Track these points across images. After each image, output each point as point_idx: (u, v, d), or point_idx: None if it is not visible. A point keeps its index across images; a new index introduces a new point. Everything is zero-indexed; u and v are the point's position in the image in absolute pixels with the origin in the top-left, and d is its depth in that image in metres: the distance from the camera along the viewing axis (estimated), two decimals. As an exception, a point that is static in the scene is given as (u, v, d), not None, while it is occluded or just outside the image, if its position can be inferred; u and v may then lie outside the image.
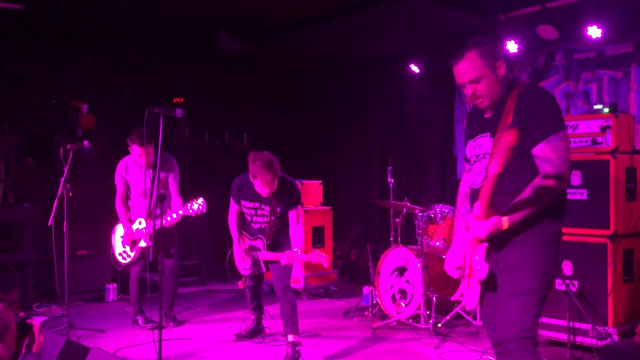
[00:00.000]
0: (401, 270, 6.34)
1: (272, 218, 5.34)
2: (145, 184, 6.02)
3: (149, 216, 6.02)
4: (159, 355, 4.35)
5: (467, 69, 3.02)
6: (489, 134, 3.07)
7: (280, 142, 10.09)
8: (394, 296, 6.36)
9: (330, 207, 8.11)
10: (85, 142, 5.92)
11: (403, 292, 6.28)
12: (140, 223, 6.15)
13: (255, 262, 5.52)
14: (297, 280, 7.67)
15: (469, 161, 3.30)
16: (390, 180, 6.86)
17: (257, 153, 5.18)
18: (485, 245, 2.94)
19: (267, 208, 5.35)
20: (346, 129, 10.19)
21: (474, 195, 3.11)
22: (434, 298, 5.90)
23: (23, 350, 2.51)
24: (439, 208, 6.46)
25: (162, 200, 4.55)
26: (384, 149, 9.57)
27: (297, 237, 5.29)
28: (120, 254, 6.27)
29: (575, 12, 6.69)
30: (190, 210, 5.67)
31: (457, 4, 6.83)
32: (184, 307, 7.08)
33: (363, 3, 6.95)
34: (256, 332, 5.97)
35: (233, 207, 5.63)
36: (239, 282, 5.84)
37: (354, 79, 9.89)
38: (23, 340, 2.52)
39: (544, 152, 2.87)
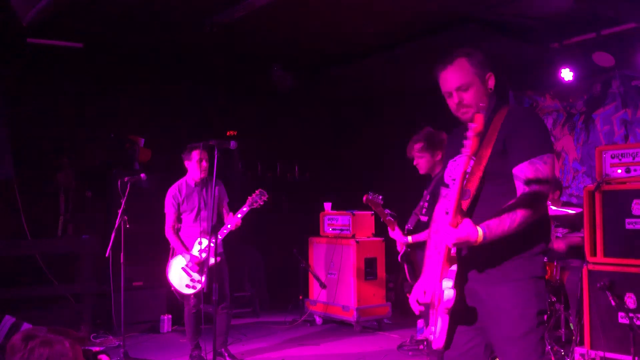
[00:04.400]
0: (456, 303, 6.22)
1: None
2: (200, 203, 6.00)
3: (211, 232, 5.58)
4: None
5: (455, 75, 2.89)
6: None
7: (332, 174, 10.14)
8: (449, 329, 6.23)
9: (382, 239, 8.04)
10: (142, 175, 6.04)
11: (459, 325, 6.14)
12: (200, 243, 5.93)
13: None
14: (350, 311, 7.61)
15: (446, 185, 3.06)
16: (444, 211, 6.78)
17: None
18: (456, 268, 2.70)
19: None
20: (398, 160, 10.12)
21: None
22: (491, 331, 5.75)
23: None
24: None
25: (217, 231, 4.59)
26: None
27: None
28: (187, 285, 5.91)
29: (632, 38, 6.57)
30: (255, 204, 5.83)
31: (511, 32, 6.79)
32: (235, 338, 7.09)
33: (415, 34, 6.97)
34: None
35: None
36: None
37: (405, 110, 9.87)
38: None
39: (525, 173, 2.70)
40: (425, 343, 6.44)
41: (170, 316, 7.57)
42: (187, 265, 5.95)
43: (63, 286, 7.22)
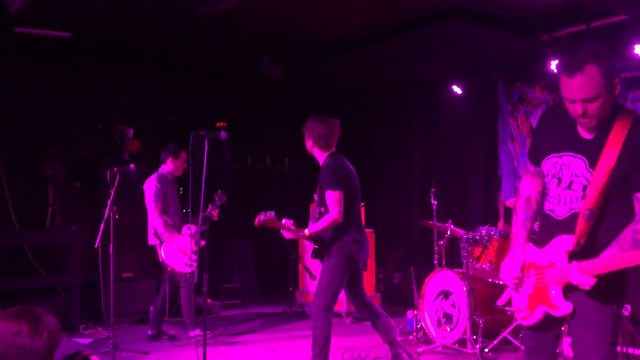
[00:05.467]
0: (446, 294, 6.25)
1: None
2: (176, 197, 6.61)
3: (194, 219, 6.38)
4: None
5: (584, 85, 2.65)
6: (586, 160, 2.80)
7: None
8: (439, 320, 6.27)
9: (372, 230, 8.05)
10: (132, 165, 6.04)
11: (448, 316, 6.18)
12: (190, 228, 6.40)
13: None
14: (340, 302, 7.62)
15: (540, 165, 3.02)
16: (434, 202, 6.80)
17: None
18: (568, 284, 2.83)
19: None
20: (387, 151, 10.16)
21: (552, 224, 2.93)
22: (481, 322, 5.79)
23: None
24: (485, 230, 6.32)
25: (207, 221, 4.61)
26: (425, 171, 9.51)
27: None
28: (187, 264, 6.35)
29: (621, 31, 6.60)
30: (220, 202, 6.32)
31: (500, 25, 6.79)
32: (225, 329, 7.07)
33: (405, 26, 6.96)
34: None
35: None
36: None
37: (395, 101, 9.88)
38: None
39: None
40: (416, 334, 6.47)
41: (159, 308, 7.55)
42: (183, 246, 6.35)
43: (52, 277, 7.18)
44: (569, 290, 2.84)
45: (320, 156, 5.31)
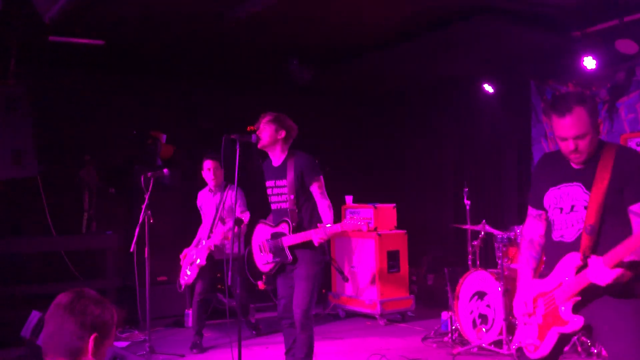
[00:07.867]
0: (481, 295, 6.19)
1: (292, 197, 4.87)
2: (213, 210, 6.44)
3: (209, 236, 6.45)
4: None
5: (574, 124, 3.00)
6: (581, 184, 3.09)
7: (352, 168, 10.11)
8: (474, 321, 6.21)
9: (404, 231, 8.02)
10: (165, 170, 6.10)
11: (484, 317, 6.12)
12: (200, 242, 6.51)
13: (278, 251, 4.86)
14: (374, 304, 7.60)
15: (541, 207, 3.28)
16: (467, 202, 6.75)
17: None
18: (578, 298, 2.99)
19: (284, 182, 4.93)
20: (418, 152, 10.11)
21: (562, 249, 3.11)
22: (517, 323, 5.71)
23: None
24: (519, 230, 6.24)
25: (240, 224, 4.63)
26: (457, 171, 9.44)
27: (326, 212, 4.79)
28: (182, 276, 6.59)
29: (656, 24, 6.47)
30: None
31: (531, 22, 6.71)
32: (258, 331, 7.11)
33: (434, 25, 6.92)
34: None
35: None
36: (259, 282, 5.21)
37: (425, 101, 9.83)
38: None
39: None
40: (451, 335, 6.42)
41: (194, 311, 7.60)
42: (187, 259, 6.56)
43: (88, 282, 7.29)
44: (580, 306, 3.00)
45: (283, 150, 5.13)
